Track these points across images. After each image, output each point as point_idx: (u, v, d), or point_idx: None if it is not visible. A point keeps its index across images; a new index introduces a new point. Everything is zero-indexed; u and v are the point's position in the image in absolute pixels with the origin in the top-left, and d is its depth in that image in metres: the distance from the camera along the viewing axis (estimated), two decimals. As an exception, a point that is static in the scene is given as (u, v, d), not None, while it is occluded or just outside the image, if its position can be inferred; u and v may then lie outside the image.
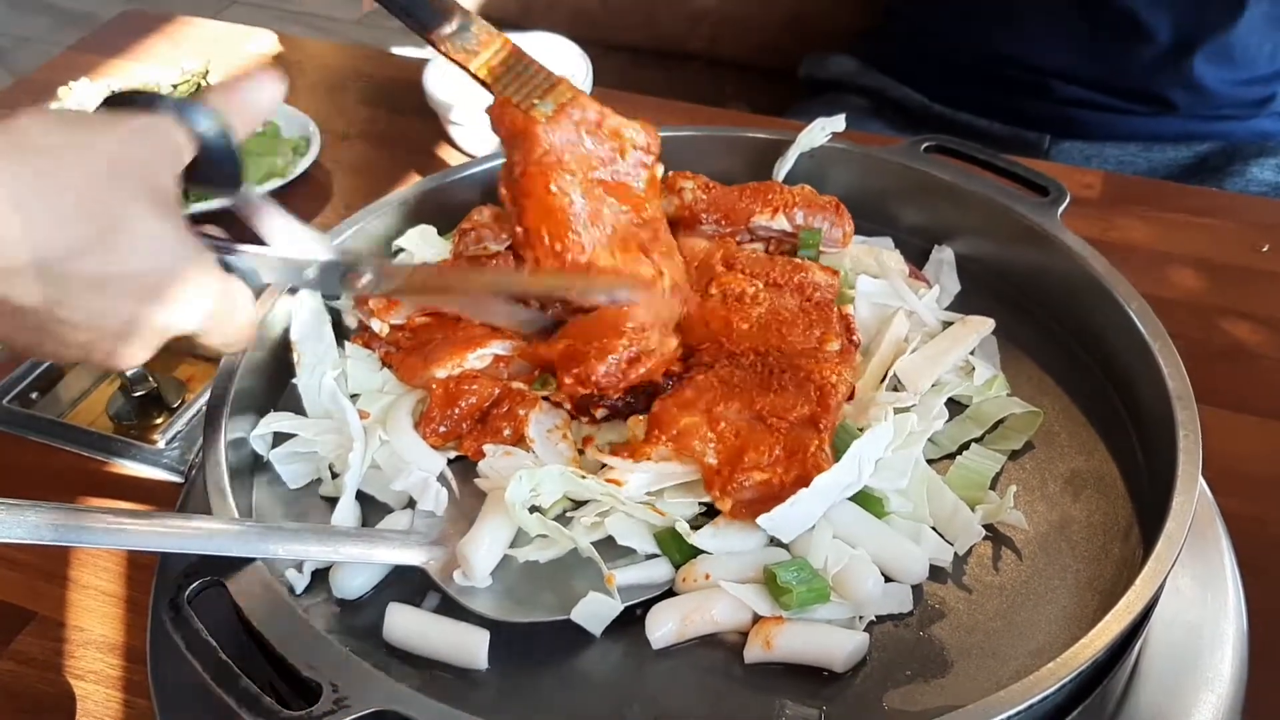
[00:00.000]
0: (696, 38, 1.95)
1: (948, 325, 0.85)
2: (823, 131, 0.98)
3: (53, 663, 0.77)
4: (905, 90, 1.55)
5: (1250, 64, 1.39)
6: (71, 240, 0.56)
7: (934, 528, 0.72)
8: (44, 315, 0.58)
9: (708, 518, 0.70)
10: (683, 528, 0.68)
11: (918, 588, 0.69)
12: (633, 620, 0.67)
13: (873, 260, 0.90)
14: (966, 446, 0.78)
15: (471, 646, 0.65)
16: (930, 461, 0.76)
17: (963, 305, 0.89)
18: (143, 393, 0.95)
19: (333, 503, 0.73)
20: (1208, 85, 1.39)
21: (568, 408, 0.78)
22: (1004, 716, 0.55)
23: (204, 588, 0.61)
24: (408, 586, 0.69)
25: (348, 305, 0.85)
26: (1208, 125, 1.43)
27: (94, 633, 0.79)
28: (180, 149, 0.62)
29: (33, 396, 0.97)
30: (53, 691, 0.75)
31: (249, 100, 0.66)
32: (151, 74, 1.33)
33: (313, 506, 0.76)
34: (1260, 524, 0.82)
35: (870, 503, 0.71)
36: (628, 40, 1.97)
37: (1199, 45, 1.36)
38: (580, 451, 0.76)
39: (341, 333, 0.85)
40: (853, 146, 0.99)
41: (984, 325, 0.84)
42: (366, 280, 0.73)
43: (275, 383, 0.82)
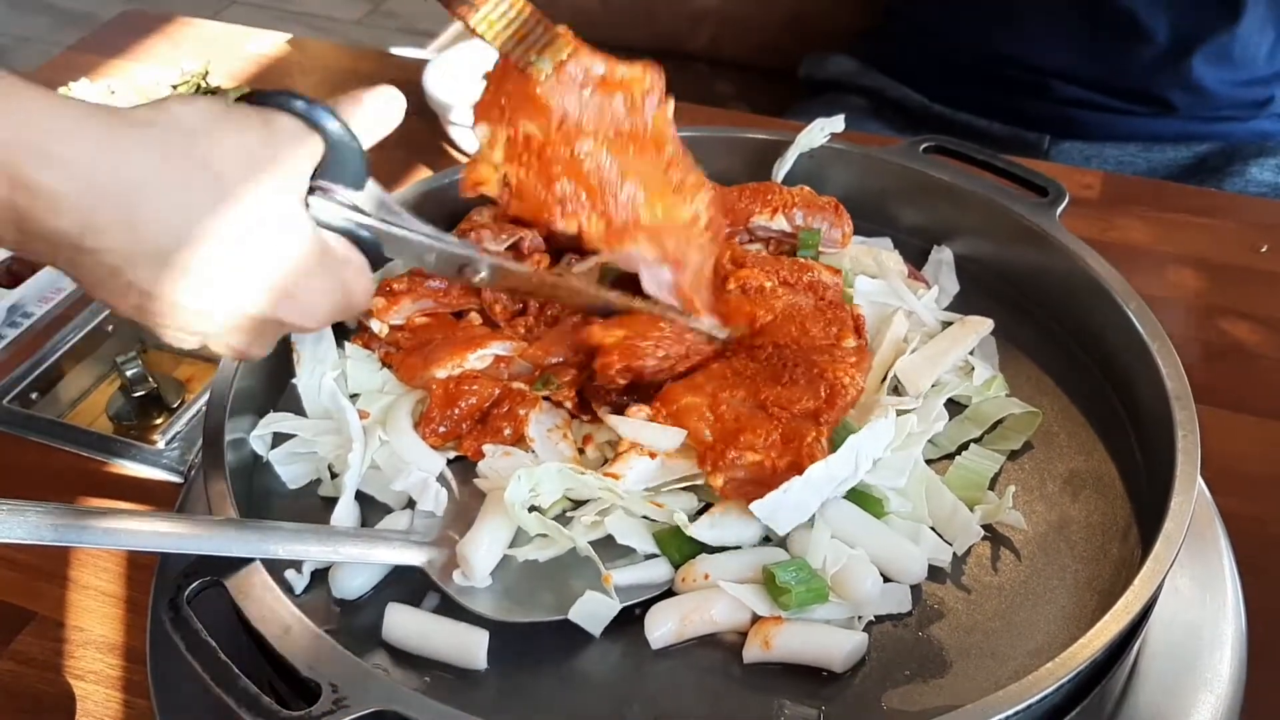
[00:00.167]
0: (696, 38, 1.95)
1: (947, 325, 0.86)
2: (822, 132, 0.98)
3: (52, 663, 0.77)
4: (905, 90, 1.55)
5: (1249, 65, 1.39)
6: (209, 232, 0.57)
7: (933, 528, 0.72)
8: (176, 304, 0.58)
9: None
10: (681, 519, 0.68)
11: (916, 588, 0.69)
12: (632, 620, 0.67)
13: (872, 260, 0.90)
14: (965, 447, 0.78)
15: (471, 646, 0.65)
16: (929, 461, 0.76)
17: (962, 306, 0.89)
18: (142, 393, 0.95)
19: (332, 503, 0.73)
20: (1207, 86, 1.39)
21: (568, 407, 0.78)
22: (1003, 716, 0.55)
23: (203, 588, 0.61)
24: (407, 587, 0.70)
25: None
26: (1207, 126, 1.43)
27: (94, 633, 0.79)
28: (311, 147, 0.63)
29: (33, 397, 0.98)
30: (52, 691, 0.75)
31: (374, 109, 0.69)
32: (151, 74, 1.33)
33: (312, 507, 0.76)
34: (1259, 524, 0.82)
35: (869, 503, 0.71)
36: (627, 40, 1.96)
37: (1198, 46, 1.36)
38: (580, 451, 0.76)
39: (341, 333, 0.85)
40: (852, 147, 0.99)
41: (983, 325, 0.85)
42: (482, 275, 0.75)
43: (275, 383, 0.82)
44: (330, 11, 3.61)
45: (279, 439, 0.78)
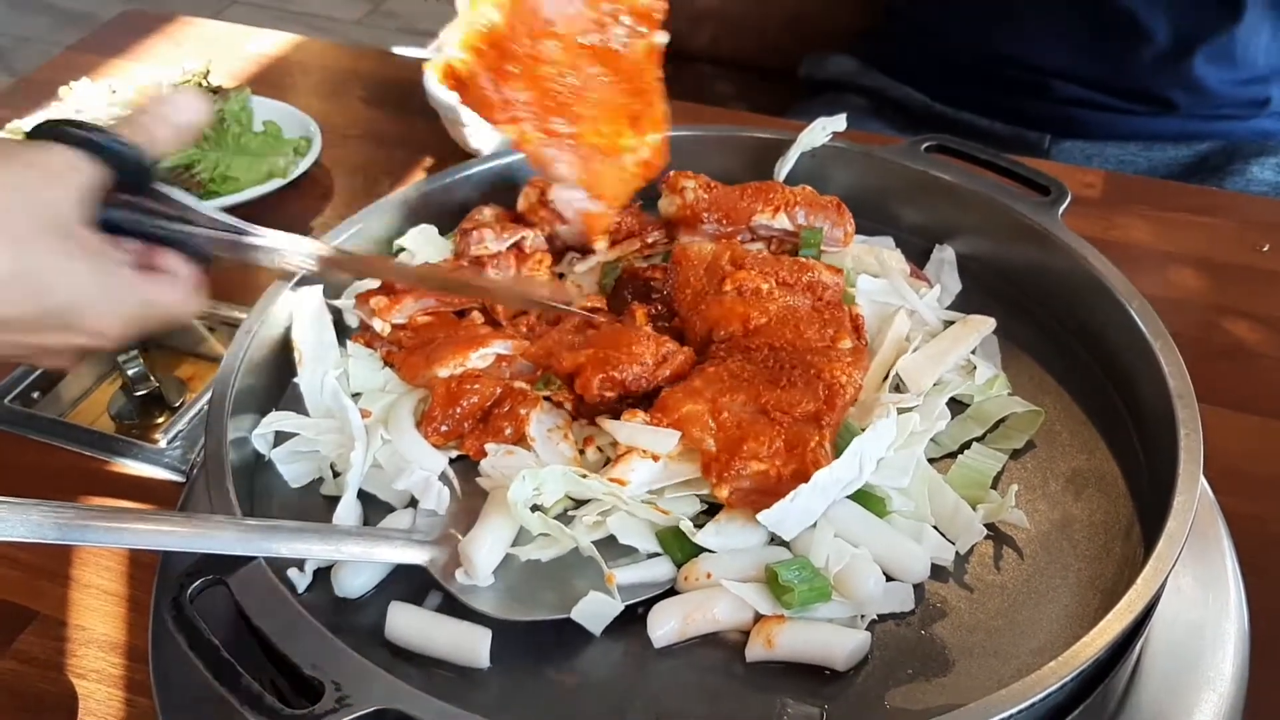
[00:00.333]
0: (697, 38, 1.95)
1: (949, 324, 0.86)
2: (824, 131, 0.98)
3: (55, 662, 0.77)
4: (906, 90, 1.55)
5: (1249, 64, 1.39)
6: None
7: (935, 527, 0.72)
8: None
9: (709, 516, 0.70)
10: (686, 526, 0.68)
11: (919, 587, 0.69)
12: (634, 619, 0.67)
13: (874, 259, 0.90)
14: (968, 445, 0.78)
15: (473, 645, 0.65)
16: (931, 461, 0.76)
17: (964, 304, 0.89)
18: (144, 392, 0.95)
19: (334, 502, 0.73)
20: (1207, 85, 1.39)
21: (568, 408, 0.78)
22: (1006, 715, 0.55)
23: (206, 586, 0.61)
24: (409, 585, 0.69)
25: (349, 304, 0.86)
26: (1208, 125, 1.43)
27: (96, 632, 0.79)
28: (80, 174, 0.63)
29: (34, 396, 0.97)
30: (55, 690, 0.75)
31: (167, 121, 0.69)
32: (152, 74, 1.33)
33: (314, 505, 0.76)
34: (1261, 523, 0.82)
35: (872, 502, 0.71)
36: (628, 40, 1.97)
37: (1198, 45, 1.36)
38: (581, 451, 0.76)
39: (343, 331, 0.85)
40: (853, 146, 0.99)
41: (985, 324, 0.85)
42: (309, 265, 0.75)
43: (277, 382, 0.82)
44: (330, 11, 3.62)
45: (281, 438, 0.78)
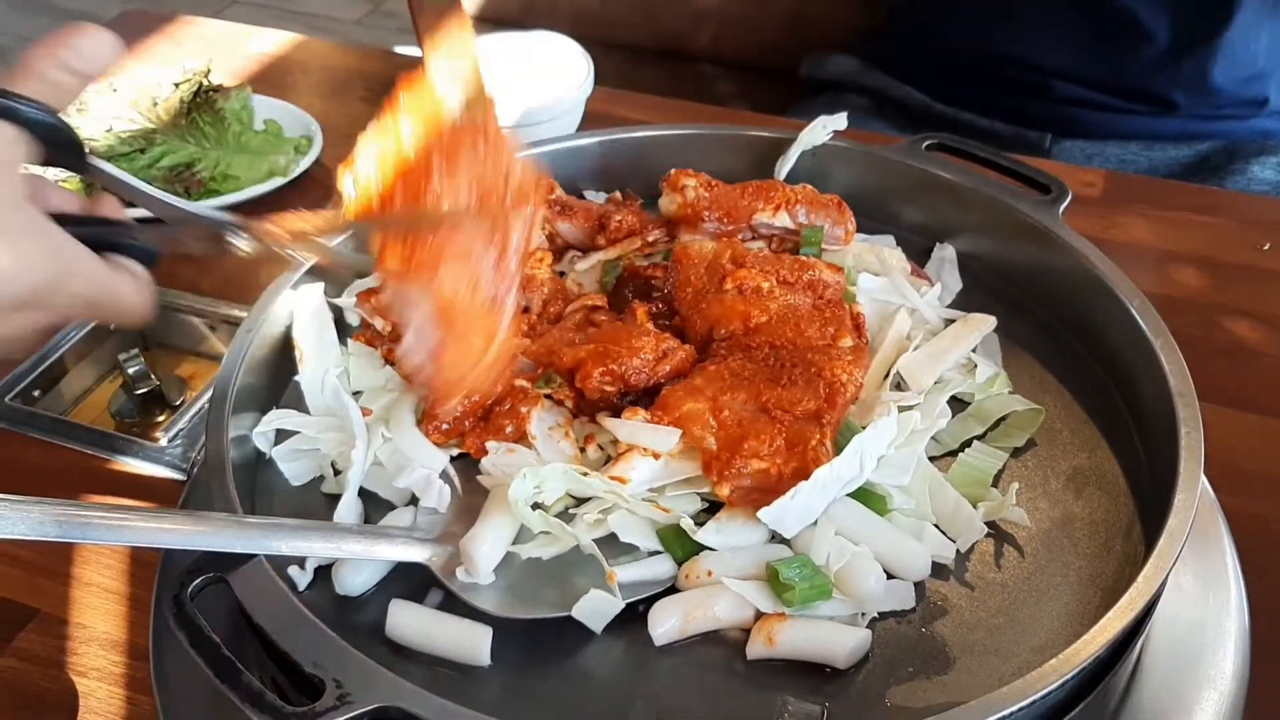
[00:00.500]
0: (697, 37, 1.95)
1: (949, 323, 0.86)
2: (824, 130, 0.98)
3: (55, 660, 0.77)
4: (906, 90, 1.55)
5: (1249, 63, 1.39)
6: None
7: (936, 525, 0.72)
8: None
9: (710, 514, 0.70)
10: (687, 524, 0.68)
11: (920, 585, 0.69)
12: (635, 617, 0.67)
13: (874, 258, 0.90)
14: (968, 444, 0.78)
15: (474, 643, 0.65)
16: (932, 459, 0.76)
17: (964, 303, 0.89)
18: (145, 390, 0.95)
19: (335, 500, 0.73)
20: (1207, 84, 1.39)
21: (569, 405, 0.78)
22: (1007, 713, 0.55)
23: (207, 584, 0.61)
24: (410, 583, 0.69)
25: (350, 302, 0.86)
26: (1208, 124, 1.43)
27: (96, 630, 0.79)
28: (14, 146, 0.59)
29: (35, 394, 0.97)
30: (55, 689, 0.75)
31: (72, 63, 0.63)
32: (153, 73, 1.33)
33: (315, 503, 0.76)
34: (1262, 521, 0.82)
35: (872, 500, 0.71)
36: (628, 39, 1.97)
37: (1198, 44, 1.36)
38: (582, 449, 0.76)
39: (344, 330, 0.85)
40: (854, 145, 0.99)
41: (985, 323, 0.85)
42: (243, 247, 0.71)
43: (277, 380, 0.82)
44: (330, 11, 3.62)
45: (282, 436, 0.78)
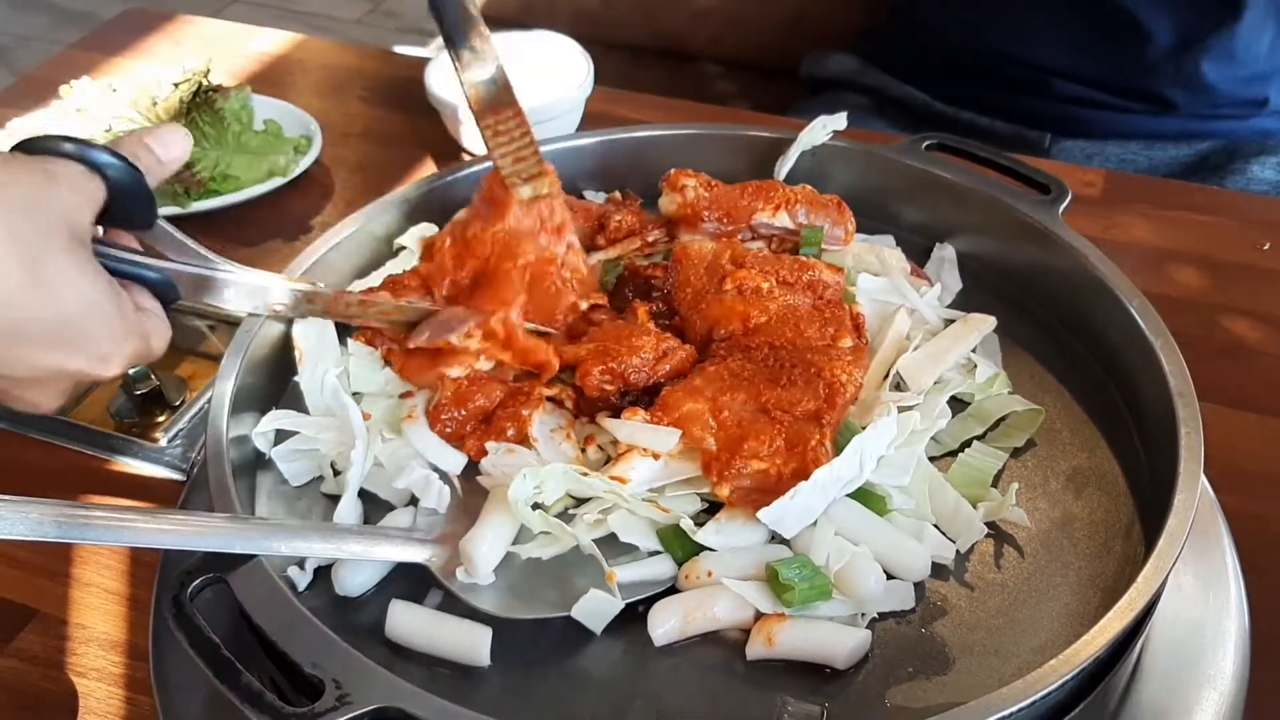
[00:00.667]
0: (697, 37, 1.95)
1: (949, 323, 0.86)
2: (824, 129, 0.98)
3: (55, 660, 0.77)
4: (906, 89, 1.55)
5: (1249, 62, 1.39)
6: None
7: (936, 525, 0.72)
8: None
9: (710, 514, 0.70)
10: (687, 524, 0.68)
11: (920, 585, 0.69)
12: (635, 617, 0.67)
13: (874, 258, 0.90)
14: (968, 444, 0.78)
15: (474, 643, 0.65)
16: (932, 459, 0.76)
17: (964, 303, 0.89)
18: (144, 391, 0.95)
19: (335, 500, 0.74)
20: (1207, 83, 1.39)
21: (570, 407, 0.78)
22: (1006, 713, 0.55)
23: (206, 585, 0.61)
24: (410, 584, 0.70)
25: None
26: (1208, 124, 1.43)
27: (96, 630, 0.79)
28: (92, 191, 0.62)
29: (35, 394, 0.97)
30: (55, 689, 0.75)
31: (159, 147, 0.68)
32: (153, 72, 1.33)
33: (315, 504, 0.76)
34: (1262, 521, 0.82)
35: (872, 500, 0.71)
36: (628, 39, 1.97)
37: (1198, 44, 1.36)
38: (582, 450, 0.76)
39: (344, 330, 0.85)
40: (854, 144, 0.99)
41: (985, 323, 0.85)
42: (283, 304, 0.78)
43: (277, 380, 0.82)
44: (331, 10, 3.62)
45: (281, 436, 0.78)
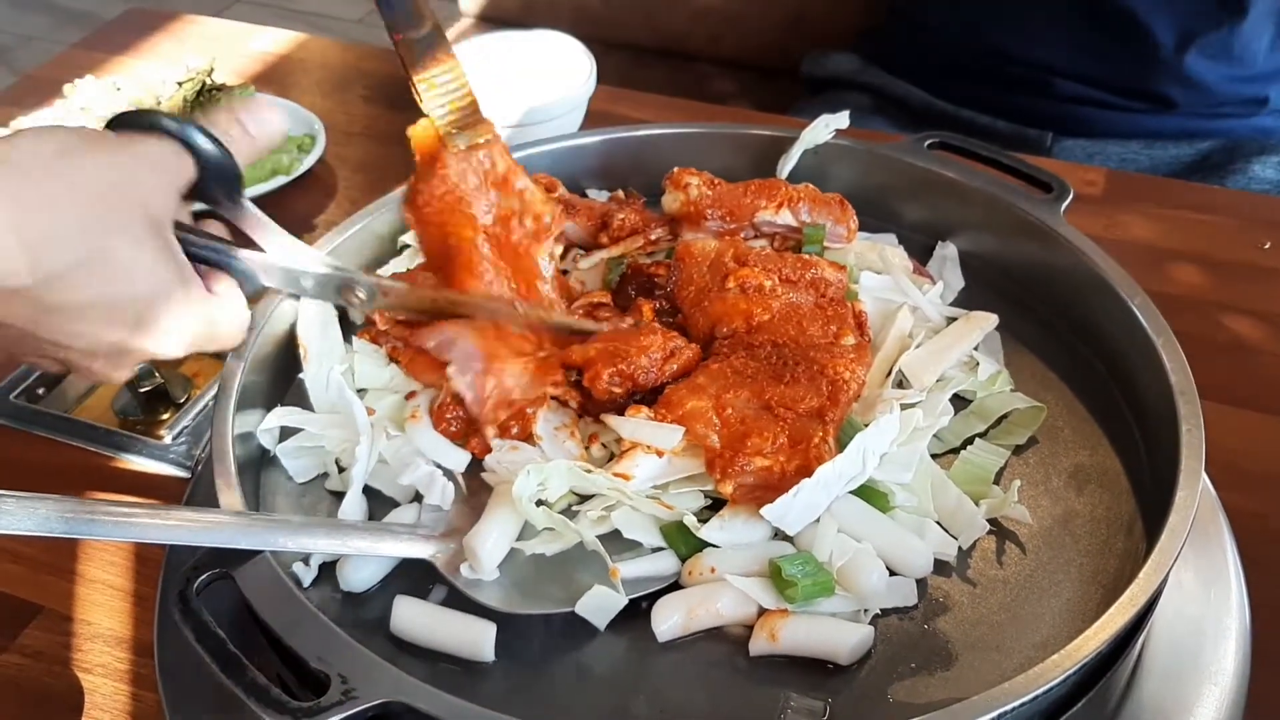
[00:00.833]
0: (697, 36, 1.95)
1: (951, 321, 0.86)
2: (826, 128, 0.98)
3: (60, 656, 0.77)
4: (907, 88, 1.55)
5: (1250, 61, 1.39)
6: (65, 263, 0.57)
7: (938, 522, 0.72)
8: (27, 331, 0.59)
9: (713, 511, 0.70)
10: (690, 521, 0.68)
11: (922, 581, 0.69)
12: (638, 613, 0.67)
13: (876, 256, 0.90)
14: (970, 441, 0.78)
15: (478, 639, 0.65)
16: (934, 456, 0.77)
17: (966, 301, 0.90)
18: (149, 388, 0.95)
19: (339, 497, 0.74)
20: (1207, 82, 1.39)
21: (574, 406, 0.78)
22: (1008, 709, 0.56)
23: (212, 580, 0.61)
24: (414, 579, 0.70)
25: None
26: (1209, 123, 1.43)
27: (101, 626, 0.79)
28: (180, 170, 0.63)
29: (39, 392, 0.98)
30: (60, 685, 0.76)
31: (252, 124, 0.69)
32: (156, 71, 1.33)
33: (319, 501, 0.76)
34: (1262, 519, 0.83)
35: (875, 497, 0.71)
36: (629, 39, 1.97)
37: (1198, 42, 1.36)
38: (586, 448, 0.76)
39: (348, 327, 0.85)
40: (856, 143, 0.99)
41: (987, 321, 0.85)
42: (362, 296, 0.78)
43: (282, 377, 0.82)
44: (332, 10, 3.62)
45: (286, 433, 0.78)
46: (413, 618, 0.67)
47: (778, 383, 0.73)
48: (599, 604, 0.66)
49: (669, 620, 0.66)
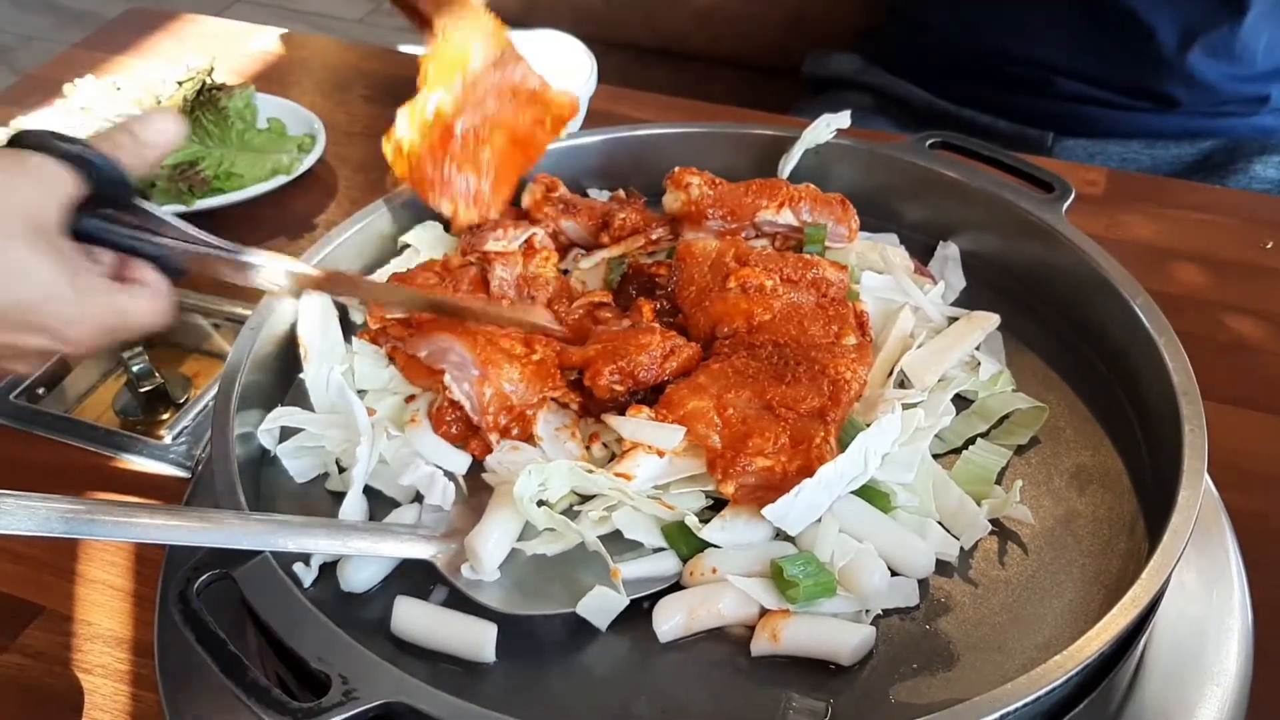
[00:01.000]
0: (698, 36, 1.95)
1: (953, 321, 0.86)
2: (828, 128, 0.98)
3: (60, 656, 0.77)
4: (908, 88, 1.55)
5: (1250, 61, 1.39)
6: None
7: (940, 522, 0.72)
8: None
9: (714, 511, 0.70)
10: (692, 521, 0.68)
11: (924, 582, 0.69)
12: (640, 613, 0.67)
13: (878, 256, 0.90)
14: (972, 441, 0.78)
15: (479, 639, 0.65)
16: (936, 456, 0.76)
17: (968, 301, 0.89)
18: (149, 388, 0.95)
19: (340, 497, 0.74)
20: (1209, 81, 1.39)
21: (574, 407, 0.78)
22: (1010, 710, 0.56)
23: (212, 581, 0.61)
24: (415, 580, 0.70)
25: (355, 301, 0.86)
26: (1210, 122, 1.43)
27: (101, 626, 0.79)
28: (63, 182, 0.65)
29: (39, 392, 0.98)
30: (60, 685, 0.76)
31: (144, 138, 0.71)
32: (156, 71, 1.33)
33: (320, 501, 0.76)
34: (1264, 519, 0.82)
35: (876, 497, 0.71)
36: (630, 39, 1.97)
37: (1201, 41, 1.36)
38: (587, 448, 0.76)
39: (349, 328, 0.85)
40: (858, 143, 0.99)
41: (989, 321, 0.85)
42: (279, 286, 0.79)
43: (282, 377, 0.82)
44: (332, 10, 3.62)
45: (286, 433, 0.78)
46: (414, 618, 0.67)
47: (779, 383, 0.73)
48: (600, 604, 0.66)
49: (670, 621, 0.66)
